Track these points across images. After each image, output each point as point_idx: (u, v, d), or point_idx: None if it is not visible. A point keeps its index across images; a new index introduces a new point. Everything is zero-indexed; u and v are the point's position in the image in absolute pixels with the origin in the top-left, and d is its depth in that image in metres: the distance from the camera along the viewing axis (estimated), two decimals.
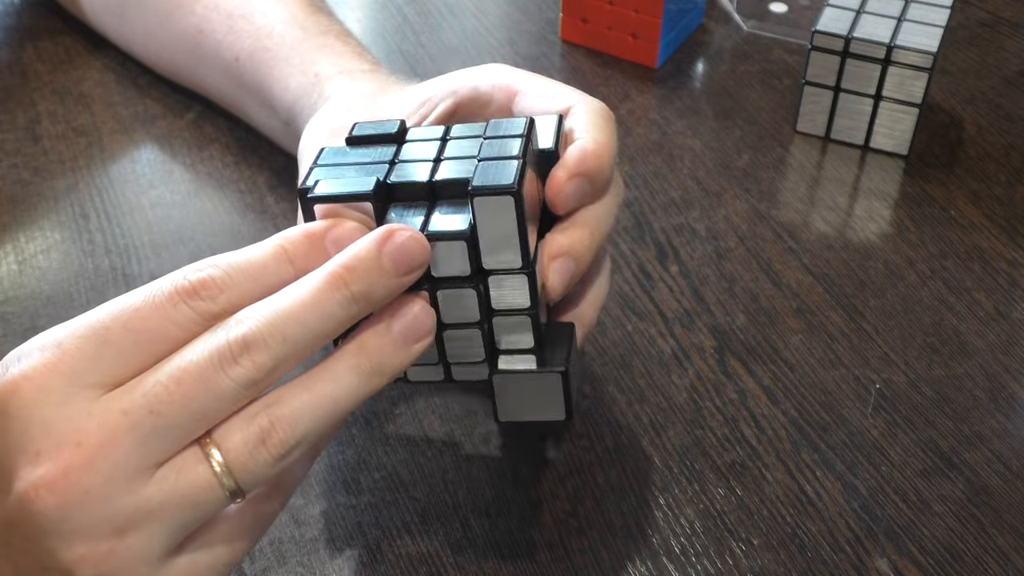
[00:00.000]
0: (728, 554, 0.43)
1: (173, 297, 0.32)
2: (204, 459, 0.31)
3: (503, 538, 0.44)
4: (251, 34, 0.56)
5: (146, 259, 0.55)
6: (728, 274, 0.55)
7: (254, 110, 0.58)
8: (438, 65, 0.69)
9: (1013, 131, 0.65)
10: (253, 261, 0.33)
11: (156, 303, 0.32)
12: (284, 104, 0.53)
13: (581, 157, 0.39)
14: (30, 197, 0.59)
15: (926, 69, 0.59)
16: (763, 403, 0.49)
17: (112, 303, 0.32)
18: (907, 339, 0.52)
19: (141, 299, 0.32)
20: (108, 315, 0.32)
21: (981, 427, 0.48)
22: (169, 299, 0.32)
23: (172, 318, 0.32)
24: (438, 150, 0.39)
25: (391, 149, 0.39)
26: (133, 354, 0.31)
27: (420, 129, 0.40)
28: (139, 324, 0.31)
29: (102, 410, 0.30)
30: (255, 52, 0.56)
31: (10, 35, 0.71)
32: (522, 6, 0.76)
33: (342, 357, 0.33)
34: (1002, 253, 0.57)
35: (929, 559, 0.43)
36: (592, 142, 0.40)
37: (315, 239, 0.35)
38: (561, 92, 0.43)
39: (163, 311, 0.32)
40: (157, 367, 0.31)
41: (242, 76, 0.57)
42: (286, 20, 0.56)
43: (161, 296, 0.32)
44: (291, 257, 0.34)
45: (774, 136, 0.64)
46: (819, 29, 0.60)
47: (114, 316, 0.31)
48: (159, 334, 0.32)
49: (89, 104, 0.65)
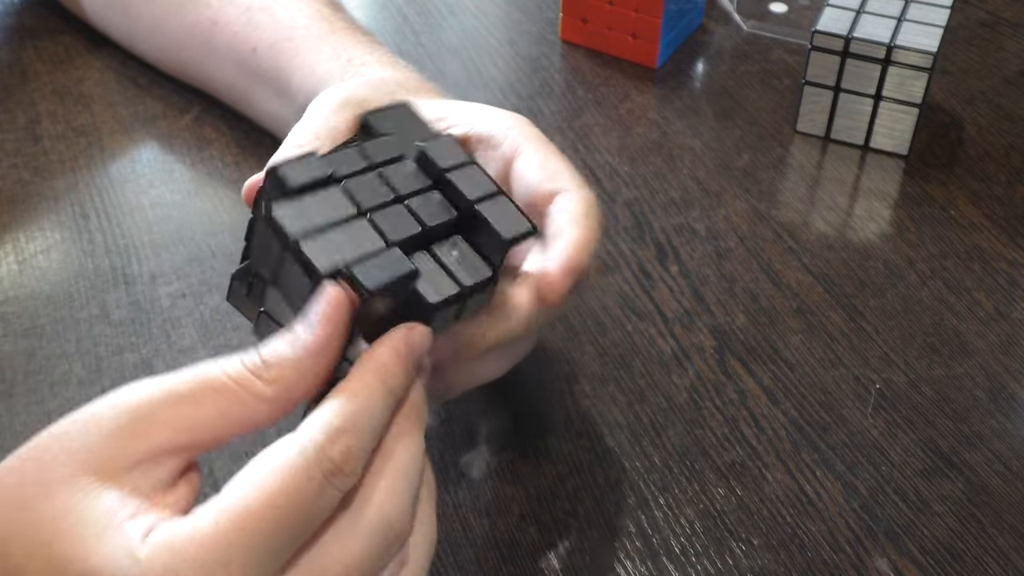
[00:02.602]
0: (728, 554, 0.43)
1: (322, 483, 0.31)
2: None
3: (503, 538, 0.44)
4: (272, 26, 0.57)
5: (146, 259, 0.55)
6: (728, 274, 0.55)
7: (264, 101, 0.58)
8: (438, 65, 0.69)
9: (1013, 131, 0.65)
10: (375, 415, 0.32)
11: (306, 494, 0.30)
12: (305, 88, 0.54)
13: (575, 255, 0.39)
14: (30, 197, 0.59)
15: (926, 69, 0.59)
16: (763, 403, 0.49)
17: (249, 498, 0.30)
18: (907, 339, 0.52)
19: (289, 492, 0.30)
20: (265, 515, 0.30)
21: (981, 427, 0.48)
22: (319, 486, 0.30)
23: (321, 504, 0.31)
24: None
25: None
26: (291, 548, 0.31)
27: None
28: (296, 519, 0.30)
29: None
30: (276, 43, 0.56)
31: (10, 35, 0.71)
32: (522, 6, 0.76)
33: (412, 431, 0.34)
34: (1002, 253, 0.57)
35: (929, 559, 0.43)
36: (578, 239, 0.40)
37: (404, 359, 0.34)
38: (559, 173, 0.43)
39: (314, 500, 0.30)
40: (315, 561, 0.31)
41: (258, 67, 0.57)
42: (310, 15, 0.57)
43: (310, 485, 0.30)
44: (395, 393, 0.33)
45: (774, 136, 0.64)
46: (819, 29, 0.60)
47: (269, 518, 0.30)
48: (311, 523, 0.31)
49: (89, 104, 0.65)
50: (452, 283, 0.36)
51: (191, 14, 0.61)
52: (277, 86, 0.56)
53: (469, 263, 0.37)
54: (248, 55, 0.58)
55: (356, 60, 0.52)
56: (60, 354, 0.50)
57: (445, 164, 0.38)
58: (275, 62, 0.56)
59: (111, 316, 0.52)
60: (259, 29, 0.57)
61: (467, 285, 0.36)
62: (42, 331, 0.51)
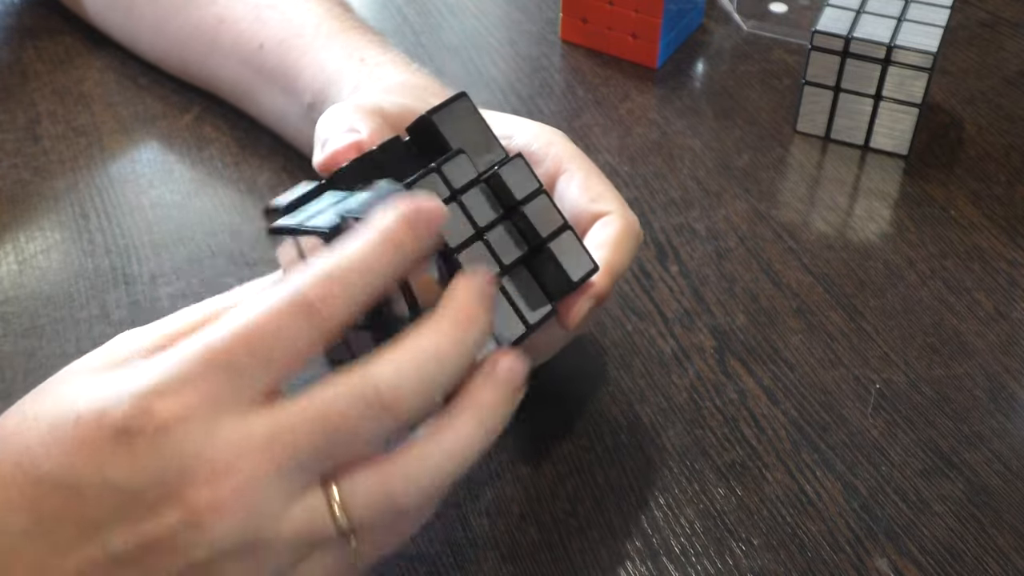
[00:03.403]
0: (728, 554, 0.43)
1: (296, 316, 0.31)
2: (326, 501, 0.32)
3: (503, 538, 0.44)
4: (280, 23, 0.57)
5: (146, 259, 0.55)
6: (728, 274, 0.55)
7: (269, 98, 0.58)
8: (438, 65, 0.69)
9: (1013, 131, 0.65)
10: (373, 272, 0.32)
11: (276, 324, 0.31)
12: (314, 85, 0.54)
13: (598, 281, 0.40)
14: (30, 197, 0.59)
15: (926, 69, 0.59)
16: (763, 403, 0.49)
17: (228, 322, 0.31)
18: (907, 339, 0.52)
19: (258, 318, 0.31)
20: (233, 338, 0.31)
21: (981, 427, 0.48)
22: (291, 319, 0.31)
23: (295, 340, 0.31)
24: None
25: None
26: (261, 378, 0.31)
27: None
28: (261, 348, 0.31)
29: (245, 436, 0.31)
30: (285, 40, 0.56)
31: (10, 35, 0.71)
32: (522, 6, 0.76)
33: (462, 416, 0.34)
34: (1002, 253, 0.57)
35: (929, 559, 0.43)
36: (608, 264, 0.41)
37: (412, 222, 0.33)
38: (603, 195, 0.43)
39: (281, 330, 0.31)
40: (299, 401, 0.31)
41: (264, 64, 0.57)
42: (321, 13, 0.57)
43: (280, 315, 0.31)
44: (398, 245, 0.33)
45: (774, 136, 0.64)
46: (819, 29, 0.60)
47: (236, 342, 0.31)
48: (281, 355, 0.31)
49: (89, 104, 0.65)
50: (520, 323, 0.38)
51: (196, 12, 0.61)
52: (284, 83, 0.56)
53: (534, 297, 0.38)
54: (254, 52, 0.58)
55: (370, 60, 0.52)
56: (60, 354, 0.50)
57: (520, 195, 0.38)
58: (283, 59, 0.56)
59: (111, 316, 0.52)
60: (267, 26, 0.57)
61: (533, 324, 0.38)
62: (42, 331, 0.51)
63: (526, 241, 0.38)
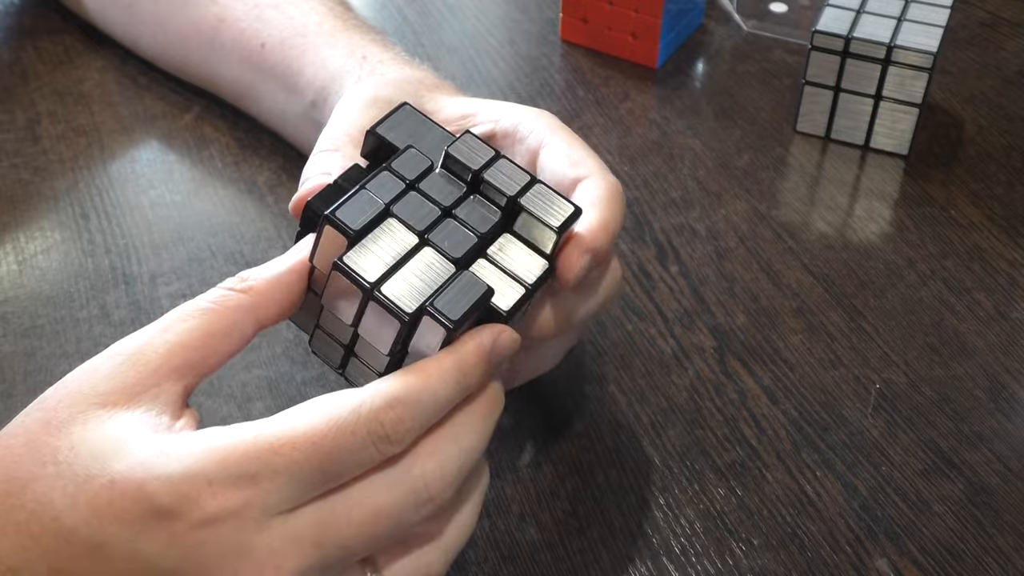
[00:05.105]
0: (728, 554, 0.43)
1: (365, 441, 0.32)
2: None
3: (503, 538, 0.44)
4: (282, 23, 0.57)
5: (146, 259, 0.55)
6: (728, 274, 0.55)
7: (270, 97, 0.58)
8: (438, 65, 0.69)
9: (1013, 131, 0.65)
10: (439, 399, 0.34)
11: (347, 445, 0.32)
12: (316, 84, 0.54)
13: (591, 235, 0.40)
14: (30, 197, 0.59)
15: (926, 69, 0.59)
16: (763, 403, 0.49)
17: (293, 428, 0.32)
18: (907, 339, 0.52)
19: (331, 437, 0.32)
20: (302, 448, 0.31)
21: (981, 427, 0.48)
22: (361, 443, 0.32)
23: (359, 460, 0.32)
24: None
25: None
26: (318, 488, 0.32)
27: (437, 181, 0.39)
28: (329, 465, 0.31)
29: (294, 537, 0.31)
30: (287, 38, 0.56)
31: (10, 35, 0.71)
32: (522, 6, 0.76)
33: (471, 499, 0.36)
34: (1002, 253, 0.57)
35: (929, 559, 0.43)
36: (599, 221, 0.40)
37: (486, 357, 0.35)
38: (582, 160, 0.43)
39: (352, 453, 0.32)
40: (340, 500, 0.32)
41: (265, 62, 0.57)
42: (322, 12, 0.57)
43: (353, 439, 0.32)
44: (467, 386, 0.35)
45: (774, 136, 0.64)
46: (819, 29, 0.60)
47: (306, 453, 0.31)
48: (345, 472, 0.32)
49: (89, 104, 0.65)
50: (517, 285, 0.37)
51: (196, 10, 0.61)
52: (285, 81, 0.56)
53: (525, 258, 0.38)
54: (255, 51, 0.58)
55: (372, 58, 0.52)
56: (60, 354, 0.50)
57: (476, 164, 0.38)
58: (284, 57, 0.56)
59: (111, 316, 0.52)
60: (268, 25, 0.57)
61: (530, 284, 0.37)
62: (42, 331, 0.51)
63: (499, 208, 0.38)
